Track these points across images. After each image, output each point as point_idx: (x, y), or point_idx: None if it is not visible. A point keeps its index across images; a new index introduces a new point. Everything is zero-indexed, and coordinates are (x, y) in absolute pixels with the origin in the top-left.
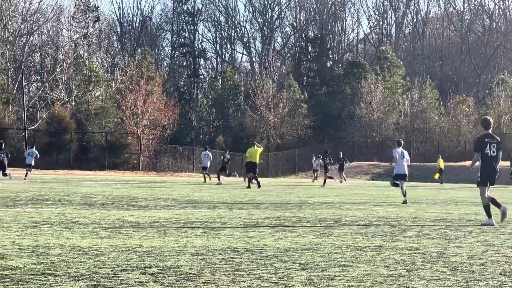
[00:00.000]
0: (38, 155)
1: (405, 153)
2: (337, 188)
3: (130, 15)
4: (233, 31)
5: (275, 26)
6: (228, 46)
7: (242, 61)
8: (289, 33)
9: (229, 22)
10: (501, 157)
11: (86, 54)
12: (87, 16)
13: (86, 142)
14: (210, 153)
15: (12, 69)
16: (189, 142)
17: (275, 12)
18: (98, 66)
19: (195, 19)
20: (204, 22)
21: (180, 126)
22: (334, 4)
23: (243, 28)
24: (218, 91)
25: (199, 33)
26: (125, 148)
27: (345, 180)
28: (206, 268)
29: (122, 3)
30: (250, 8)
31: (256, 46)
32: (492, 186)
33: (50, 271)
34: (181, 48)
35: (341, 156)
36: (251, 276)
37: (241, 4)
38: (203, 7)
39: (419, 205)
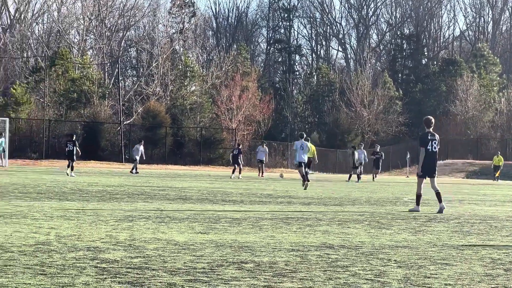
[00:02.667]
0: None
1: (305, 144)
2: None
3: (226, 10)
4: (328, 27)
5: (370, 23)
6: (324, 43)
7: (337, 58)
8: (384, 30)
9: (324, 19)
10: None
11: (181, 49)
12: (183, 11)
13: (180, 137)
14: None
15: (109, 63)
16: (283, 138)
17: (370, 9)
18: (194, 61)
19: (291, 15)
20: (299, 18)
21: (275, 122)
22: (430, 1)
23: (338, 24)
24: (313, 87)
25: (294, 29)
26: (219, 143)
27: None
28: (302, 264)
29: None
30: (346, 5)
31: (352, 43)
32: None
33: (147, 265)
34: (276, 44)
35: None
36: (347, 273)
37: (336, 1)
38: (299, 3)
39: None
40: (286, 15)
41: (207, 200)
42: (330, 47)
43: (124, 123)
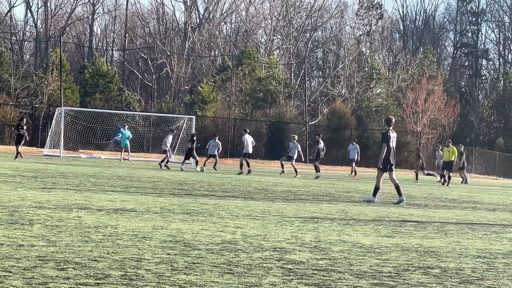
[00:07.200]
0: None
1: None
2: None
3: (413, 13)
4: None
5: None
6: None
7: None
8: None
9: None
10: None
11: (368, 51)
12: (371, 13)
13: (365, 139)
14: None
15: (295, 64)
16: (468, 143)
17: None
18: (380, 63)
19: (479, 19)
20: (487, 22)
21: (460, 126)
22: None
23: None
24: (499, 92)
25: (482, 33)
26: (404, 146)
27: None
28: (489, 271)
29: (405, 1)
30: None
31: None
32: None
33: (332, 267)
34: (463, 48)
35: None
36: None
37: None
38: (487, 7)
39: None
40: (474, 19)
41: (391, 203)
42: None
43: (309, 123)
